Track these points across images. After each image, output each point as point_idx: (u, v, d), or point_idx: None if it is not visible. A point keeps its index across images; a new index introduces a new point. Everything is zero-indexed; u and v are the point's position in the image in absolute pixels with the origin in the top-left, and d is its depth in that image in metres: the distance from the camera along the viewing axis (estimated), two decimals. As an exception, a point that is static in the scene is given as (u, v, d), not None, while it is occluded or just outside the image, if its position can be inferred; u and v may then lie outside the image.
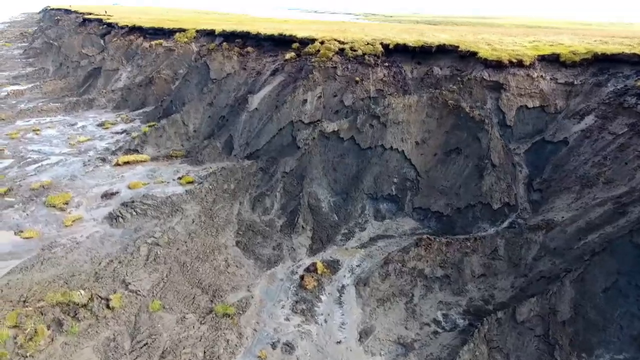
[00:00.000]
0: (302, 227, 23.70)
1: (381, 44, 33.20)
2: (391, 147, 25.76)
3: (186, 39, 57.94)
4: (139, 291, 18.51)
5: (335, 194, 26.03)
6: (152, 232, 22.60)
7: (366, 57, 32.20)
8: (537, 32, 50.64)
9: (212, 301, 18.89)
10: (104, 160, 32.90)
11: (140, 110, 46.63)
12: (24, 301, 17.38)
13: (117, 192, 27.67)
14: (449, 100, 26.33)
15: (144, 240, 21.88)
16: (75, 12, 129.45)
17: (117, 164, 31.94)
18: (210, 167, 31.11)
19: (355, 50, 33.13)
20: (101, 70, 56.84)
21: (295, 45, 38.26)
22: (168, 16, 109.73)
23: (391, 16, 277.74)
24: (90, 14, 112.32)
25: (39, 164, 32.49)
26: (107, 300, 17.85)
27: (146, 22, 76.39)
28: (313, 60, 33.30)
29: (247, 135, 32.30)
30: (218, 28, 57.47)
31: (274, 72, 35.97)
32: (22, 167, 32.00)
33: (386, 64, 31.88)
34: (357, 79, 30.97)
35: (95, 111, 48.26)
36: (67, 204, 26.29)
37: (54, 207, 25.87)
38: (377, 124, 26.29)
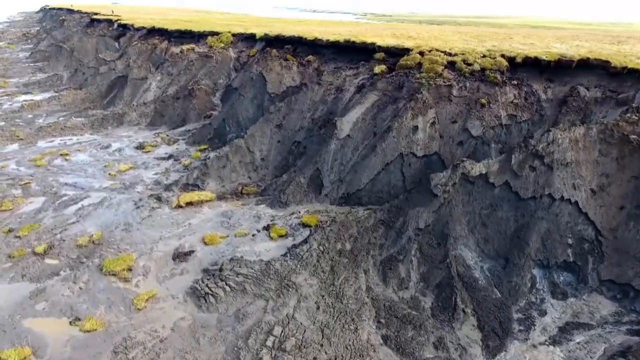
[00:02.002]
0: (463, 310, 17.40)
1: (503, 56, 26.95)
2: (561, 196, 19.49)
3: (222, 44, 51.48)
4: None
5: (489, 258, 19.73)
6: (266, 324, 16.19)
7: (487, 72, 25.95)
8: (574, 34, 44.29)
9: None
10: (159, 199, 26.38)
11: (182, 129, 40.08)
12: None
13: (191, 251, 21.21)
14: (629, 134, 20.13)
15: (259, 340, 15.48)
16: (79, 11, 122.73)
17: (179, 206, 25.44)
18: (299, 211, 24.72)
19: (470, 64, 26.87)
20: (127, 79, 50.17)
21: (379, 55, 31.93)
22: (181, 17, 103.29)
23: (390, 15, 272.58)
24: (96, 13, 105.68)
25: (79, 205, 25.93)
26: None
27: (163, 23, 69.89)
28: (417, 75, 26.99)
29: (340, 170, 25.93)
30: (258, 32, 51.12)
31: (360, 89, 29.62)
32: (59, 209, 25.42)
33: (514, 81, 25.64)
34: (483, 101, 24.70)
35: (128, 128, 41.64)
36: (130, 270, 19.80)
37: (115, 275, 19.37)
38: (540, 166, 20.03)
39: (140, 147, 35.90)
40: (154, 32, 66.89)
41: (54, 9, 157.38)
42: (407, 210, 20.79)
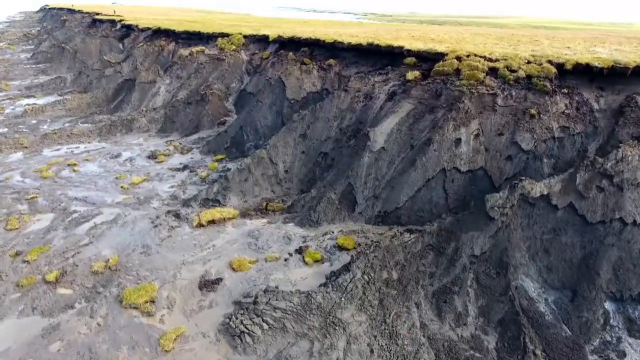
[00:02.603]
0: (533, 352, 15.37)
1: (550, 62, 24.96)
2: (634, 220, 17.50)
3: (233, 46, 49.44)
4: None
5: (553, 289, 17.73)
6: (315, 373, 14.16)
7: (534, 80, 23.95)
8: (598, 36, 42.09)
9: None
10: (178, 217, 24.31)
11: (195, 136, 38.00)
12: None
13: (219, 279, 19.16)
14: None
15: (309, 393, 13.46)
16: (80, 11, 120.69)
17: (200, 224, 23.38)
18: (332, 231, 22.68)
19: (514, 71, 24.87)
20: (135, 82, 48.07)
21: (410, 60, 29.92)
22: (185, 17, 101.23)
23: (391, 15, 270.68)
24: (98, 14, 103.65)
25: (91, 223, 23.84)
26: None
27: (169, 24, 67.88)
28: (457, 83, 24.98)
29: (375, 185, 23.91)
30: (271, 33, 49.12)
31: (392, 97, 27.61)
32: (69, 228, 23.33)
33: (563, 90, 23.64)
34: (533, 111, 22.69)
35: (137, 135, 39.56)
36: (153, 302, 17.74)
37: (136, 308, 17.32)
38: (609, 186, 18.04)
39: (152, 156, 33.81)
40: (159, 33, 64.93)
41: (54, 8, 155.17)
42: (459, 235, 18.76)
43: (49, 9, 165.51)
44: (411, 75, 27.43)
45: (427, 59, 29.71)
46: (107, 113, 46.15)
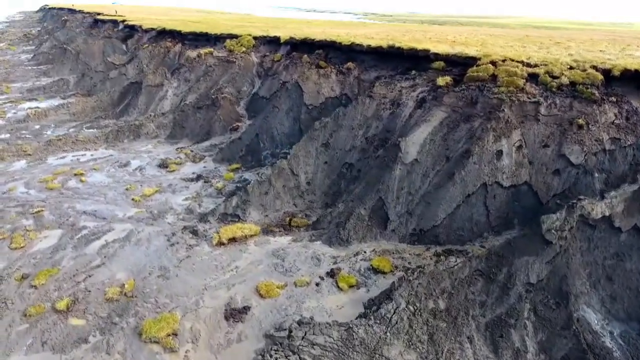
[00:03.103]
0: (606, 398, 13.67)
1: (594, 67, 23.28)
2: None
3: (243, 48, 47.72)
4: None
5: (617, 321, 16.06)
6: None
7: (580, 87, 22.26)
8: (619, 38, 40.23)
9: None
10: (195, 233, 22.59)
11: (207, 143, 36.26)
12: None
13: (247, 307, 17.44)
14: None
15: None
16: (81, 11, 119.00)
17: (220, 243, 21.66)
18: (364, 251, 20.97)
19: (556, 77, 23.20)
20: (141, 85, 46.31)
21: (438, 64, 28.25)
22: (187, 17, 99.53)
23: (391, 15, 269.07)
24: (99, 14, 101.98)
25: (102, 241, 22.11)
26: None
27: (173, 25, 66.20)
28: (496, 90, 23.29)
29: (408, 201, 22.20)
30: (283, 35, 47.44)
31: (421, 104, 25.91)
32: (79, 247, 21.58)
33: (612, 98, 21.96)
34: (581, 121, 21.00)
35: (146, 141, 37.81)
36: (176, 335, 16.02)
37: (158, 343, 15.59)
38: (679, 207, 16.34)
39: (163, 165, 32.07)
40: (164, 34, 63.24)
41: (54, 8, 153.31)
42: (511, 260, 17.06)
43: (49, 8, 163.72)
44: (442, 81, 25.74)
45: (457, 64, 28.06)
46: (112, 117, 44.41)
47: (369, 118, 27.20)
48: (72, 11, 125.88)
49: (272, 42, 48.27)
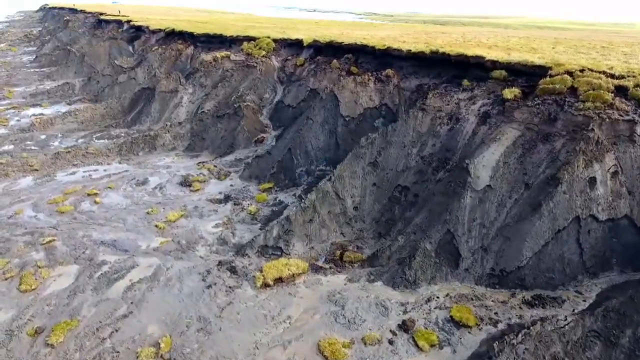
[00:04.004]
0: None
1: (694, 80, 20.20)
2: None
3: (263, 52, 44.58)
4: None
5: None
6: None
7: (680, 103, 19.18)
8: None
9: None
10: (234, 271, 19.45)
11: (231, 157, 33.08)
12: None
13: (312, 375, 14.29)
14: None
15: None
16: (83, 11, 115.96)
17: (265, 284, 18.51)
18: (436, 296, 17.84)
19: (648, 90, 20.11)
20: (154, 92, 43.13)
21: (498, 73, 25.15)
22: (193, 17, 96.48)
23: (392, 15, 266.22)
24: (102, 14, 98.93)
25: (126, 281, 18.96)
26: None
27: (181, 25, 63.18)
28: (580, 106, 20.19)
29: (482, 234, 19.09)
30: (306, 37, 44.42)
31: (485, 119, 22.81)
32: (100, 289, 18.40)
33: None
34: (690, 144, 17.91)
35: (162, 154, 34.65)
36: (230, 417, 12.86)
37: None
38: None
39: (185, 182, 28.91)
40: (173, 35, 60.21)
41: (54, 8, 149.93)
42: (636, 319, 13.96)
43: (49, 8, 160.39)
44: (509, 93, 22.62)
45: (519, 73, 24.97)
46: (124, 126, 41.23)
47: (424, 134, 24.09)
48: (73, 11, 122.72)
49: (293, 45, 45.24)
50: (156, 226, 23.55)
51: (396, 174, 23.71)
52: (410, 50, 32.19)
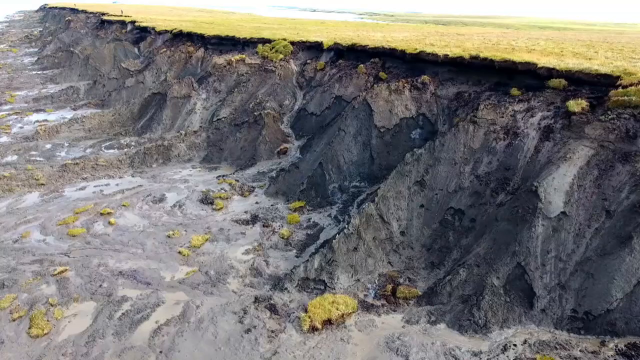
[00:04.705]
0: None
1: None
2: None
3: (280, 55, 42.17)
4: None
5: None
6: None
7: None
8: None
9: None
10: (274, 310, 17.01)
11: (253, 170, 30.62)
12: None
13: None
14: None
15: None
16: (85, 11, 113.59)
17: (313, 328, 16.08)
18: (512, 343, 15.41)
19: None
20: (165, 97, 40.67)
21: (556, 82, 22.75)
22: (197, 17, 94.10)
23: (392, 15, 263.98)
24: (104, 14, 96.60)
25: (152, 323, 16.52)
26: None
27: (189, 27, 60.81)
28: (665, 121, 17.78)
29: (559, 269, 16.69)
30: (326, 40, 42.06)
31: (547, 134, 20.40)
32: (122, 332, 15.95)
33: None
34: None
35: (178, 166, 32.19)
36: None
37: None
38: None
39: (206, 200, 26.46)
40: (180, 36, 57.82)
41: (55, 8, 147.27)
42: None
43: (49, 8, 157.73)
44: (576, 105, 20.22)
45: (580, 82, 22.58)
46: (134, 134, 38.79)
47: (477, 150, 21.68)
48: (74, 11, 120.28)
49: (312, 48, 42.88)
50: (179, 252, 21.10)
51: (447, 195, 21.29)
52: (448, 55, 29.77)
